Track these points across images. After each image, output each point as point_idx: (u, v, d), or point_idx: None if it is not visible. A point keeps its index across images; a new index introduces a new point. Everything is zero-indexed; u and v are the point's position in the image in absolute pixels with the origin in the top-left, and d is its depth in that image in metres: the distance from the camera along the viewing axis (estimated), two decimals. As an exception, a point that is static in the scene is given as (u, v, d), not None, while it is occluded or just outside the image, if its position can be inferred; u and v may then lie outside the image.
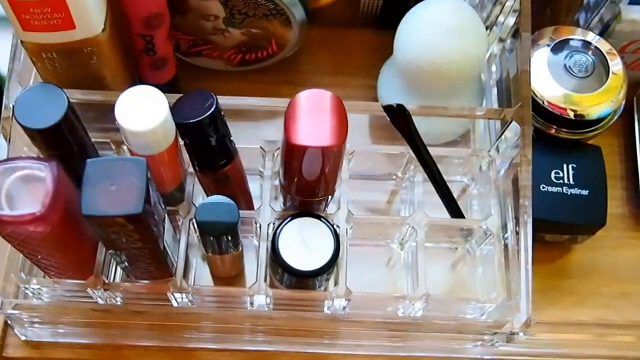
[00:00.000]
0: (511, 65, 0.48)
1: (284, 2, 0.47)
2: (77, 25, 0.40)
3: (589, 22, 0.53)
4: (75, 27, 0.40)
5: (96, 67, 0.44)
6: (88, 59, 0.43)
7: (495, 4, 0.51)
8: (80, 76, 0.45)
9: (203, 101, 0.39)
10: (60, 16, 0.39)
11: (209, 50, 0.52)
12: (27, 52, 0.43)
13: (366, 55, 0.56)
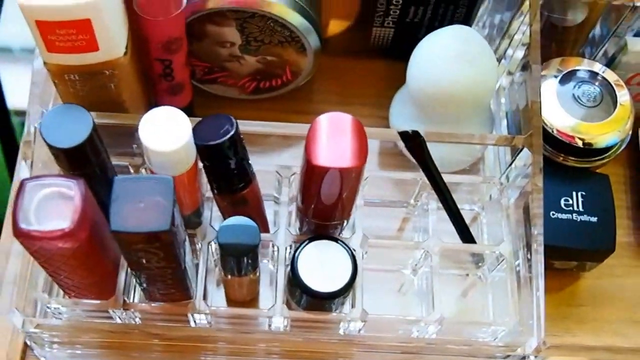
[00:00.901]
0: (520, 97, 0.49)
1: (299, 30, 0.48)
2: (101, 48, 0.41)
3: (595, 55, 0.54)
4: (98, 49, 0.41)
5: (116, 90, 0.45)
6: (108, 81, 0.44)
7: (503, 37, 0.52)
8: (100, 98, 0.45)
9: (223, 124, 0.40)
10: (85, 38, 0.40)
11: (224, 77, 0.53)
12: (50, 73, 0.43)
13: (377, 85, 0.57)
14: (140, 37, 0.45)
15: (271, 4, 0.46)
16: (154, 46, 0.45)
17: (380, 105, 0.56)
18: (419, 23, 0.53)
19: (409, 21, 0.53)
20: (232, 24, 0.48)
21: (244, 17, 0.47)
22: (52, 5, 0.37)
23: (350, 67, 0.58)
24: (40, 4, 0.37)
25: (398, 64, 0.55)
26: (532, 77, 0.47)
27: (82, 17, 0.38)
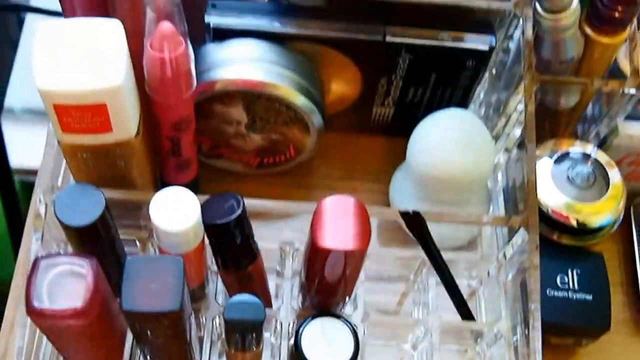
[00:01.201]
0: (517, 174, 0.51)
1: (304, 111, 0.50)
2: (114, 129, 0.43)
3: (587, 135, 0.56)
4: (112, 130, 0.43)
5: (125, 167, 0.46)
6: (119, 159, 0.46)
7: (500, 116, 0.54)
8: (109, 174, 0.47)
9: (230, 203, 0.41)
10: (99, 120, 0.42)
11: (229, 153, 0.55)
12: (63, 151, 0.45)
13: (377, 161, 0.59)
14: (151, 117, 0.47)
15: (277, 86, 0.48)
16: (164, 126, 0.47)
17: (380, 180, 0.58)
18: (419, 103, 0.55)
19: (408, 101, 0.55)
20: (239, 104, 0.50)
21: (251, 98, 0.49)
22: (70, 91, 0.39)
23: (351, 143, 0.60)
24: (59, 90, 0.39)
25: (398, 141, 0.57)
26: (527, 156, 0.49)
27: (99, 102, 0.40)
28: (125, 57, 0.40)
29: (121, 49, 0.40)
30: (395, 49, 0.50)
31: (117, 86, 0.40)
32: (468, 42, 0.50)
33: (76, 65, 0.39)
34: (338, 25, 0.50)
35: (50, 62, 0.39)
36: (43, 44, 0.40)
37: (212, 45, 0.50)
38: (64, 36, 0.40)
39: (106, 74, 0.39)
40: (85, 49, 0.40)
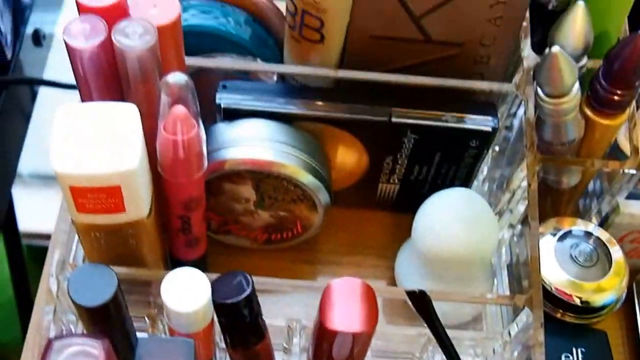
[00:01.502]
0: (521, 250, 0.52)
1: (311, 189, 0.51)
2: (127, 209, 0.44)
3: (589, 212, 0.57)
4: (125, 210, 0.44)
5: (137, 244, 0.47)
6: (131, 238, 0.47)
7: (504, 192, 0.55)
8: (121, 250, 0.48)
9: (239, 282, 0.42)
10: (113, 201, 0.43)
11: (237, 229, 0.56)
12: (77, 229, 0.46)
13: (383, 236, 0.60)
14: (162, 196, 0.48)
15: (285, 165, 0.50)
16: (175, 204, 0.48)
17: (386, 256, 0.59)
18: (424, 180, 0.57)
19: (413, 179, 0.56)
20: (248, 183, 0.51)
21: (260, 176, 0.50)
22: (86, 174, 0.40)
23: (357, 219, 0.61)
24: (76, 173, 0.40)
25: (403, 216, 0.58)
26: (530, 234, 0.49)
27: (114, 184, 0.41)
28: (140, 141, 0.41)
29: (136, 133, 0.41)
30: (400, 130, 0.52)
31: (132, 170, 0.41)
32: (471, 123, 0.52)
33: (92, 149, 0.41)
34: (345, 106, 0.51)
35: (67, 146, 0.40)
36: (60, 128, 0.41)
37: (222, 124, 0.51)
38: (81, 119, 0.41)
39: (122, 157, 0.40)
40: (101, 133, 0.41)
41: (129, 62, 0.42)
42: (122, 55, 0.41)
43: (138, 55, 0.41)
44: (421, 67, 0.54)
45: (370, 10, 0.50)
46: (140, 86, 0.44)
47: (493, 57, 0.53)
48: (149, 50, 0.41)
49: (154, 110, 0.44)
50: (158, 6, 0.43)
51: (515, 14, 0.50)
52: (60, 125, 0.41)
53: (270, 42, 0.57)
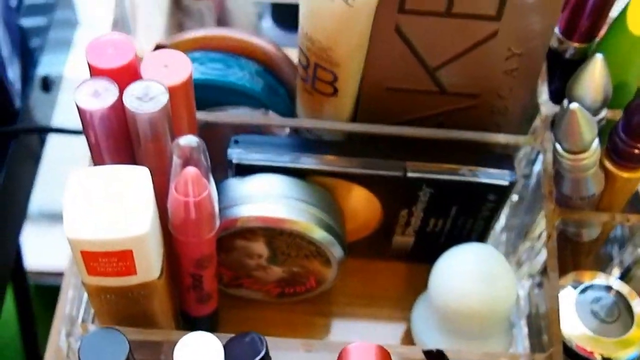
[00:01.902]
0: (540, 301, 0.51)
1: (325, 244, 0.50)
2: (139, 272, 0.43)
3: (610, 264, 0.56)
4: (136, 273, 0.43)
5: (147, 304, 0.46)
6: (142, 299, 0.46)
7: (523, 241, 0.54)
8: (131, 311, 0.47)
9: (253, 343, 0.41)
10: (124, 265, 0.42)
11: (249, 283, 0.55)
12: (87, 291, 0.45)
13: (398, 287, 0.59)
14: (173, 254, 0.47)
15: (297, 222, 0.49)
16: (186, 263, 0.47)
17: (401, 307, 0.57)
18: (439, 232, 0.56)
19: (429, 231, 0.55)
20: (260, 240, 0.50)
21: (273, 233, 0.49)
22: (99, 240, 0.39)
23: (371, 269, 0.60)
24: (88, 239, 0.39)
25: (418, 267, 0.57)
26: (550, 285, 0.48)
27: (125, 248, 0.40)
28: (151, 205, 0.40)
29: (148, 197, 0.41)
30: (416, 184, 0.51)
31: (144, 234, 0.40)
32: (488, 177, 0.51)
33: (104, 214, 0.40)
34: (359, 161, 0.50)
35: (79, 210, 0.40)
36: (72, 193, 0.40)
37: (233, 180, 0.50)
38: (92, 184, 0.41)
39: (133, 222, 0.40)
40: (112, 197, 0.40)
41: (140, 124, 0.41)
42: (133, 117, 0.41)
43: (149, 118, 0.40)
44: (436, 119, 0.53)
45: (384, 63, 0.49)
46: (150, 145, 0.43)
47: (510, 107, 0.52)
48: (161, 112, 0.41)
49: (165, 168, 0.43)
50: (169, 66, 0.43)
51: (532, 65, 0.50)
52: (73, 190, 0.40)
53: (282, 91, 0.56)
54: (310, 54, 0.49)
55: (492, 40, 0.48)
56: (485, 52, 0.49)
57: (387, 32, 0.48)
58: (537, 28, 0.47)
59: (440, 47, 0.49)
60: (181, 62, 0.43)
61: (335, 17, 0.45)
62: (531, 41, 0.48)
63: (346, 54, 0.48)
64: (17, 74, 0.72)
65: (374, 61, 0.49)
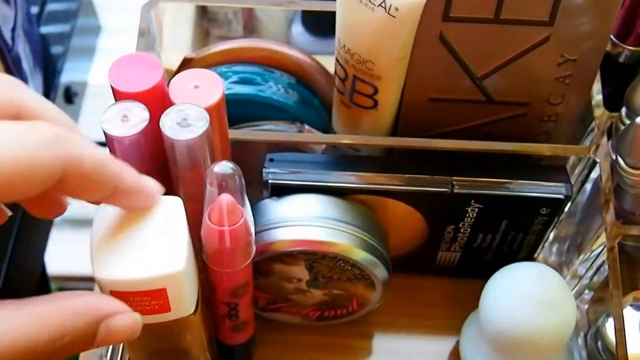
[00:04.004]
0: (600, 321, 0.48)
1: (368, 267, 0.47)
2: (173, 309, 0.40)
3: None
4: (170, 310, 0.40)
5: (181, 340, 0.44)
6: (175, 334, 0.43)
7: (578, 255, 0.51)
8: (164, 346, 0.44)
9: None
10: (157, 303, 0.39)
11: (287, 307, 0.52)
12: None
13: (443, 306, 0.56)
14: (208, 284, 0.44)
15: (339, 244, 0.46)
16: (221, 292, 0.44)
17: (447, 326, 0.54)
18: (487, 247, 0.52)
19: (476, 246, 0.52)
20: (301, 264, 0.47)
21: (314, 257, 0.47)
22: (130, 280, 0.36)
23: (414, 287, 0.56)
24: (119, 279, 0.36)
25: (464, 283, 0.54)
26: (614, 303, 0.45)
27: (158, 287, 0.37)
28: (185, 239, 0.37)
29: (181, 230, 0.37)
30: (463, 200, 0.48)
31: (178, 272, 0.37)
32: (542, 191, 0.47)
33: (134, 251, 0.37)
34: (402, 177, 0.47)
35: (108, 248, 0.37)
36: (100, 229, 0.37)
37: (269, 201, 0.47)
38: (121, 217, 0.38)
39: (166, 259, 0.37)
40: (144, 232, 0.37)
41: (178, 151, 0.38)
42: (171, 144, 0.38)
43: (189, 144, 0.37)
44: (482, 129, 0.50)
45: (427, 73, 0.46)
46: (189, 173, 0.40)
47: (561, 115, 0.49)
48: (201, 138, 0.38)
49: (199, 195, 0.40)
50: (201, 86, 0.40)
51: (586, 71, 0.46)
52: (100, 226, 0.37)
53: (316, 102, 0.54)
54: (349, 67, 0.46)
55: (543, 46, 0.45)
56: (536, 58, 0.45)
57: (430, 42, 0.44)
58: (592, 32, 0.44)
59: (487, 55, 0.46)
60: (212, 81, 0.40)
61: (377, 28, 0.42)
62: (585, 46, 0.45)
63: (388, 66, 0.44)
64: (39, 86, 0.70)
65: (416, 72, 0.46)
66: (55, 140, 0.28)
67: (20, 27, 0.66)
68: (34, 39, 0.72)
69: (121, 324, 0.33)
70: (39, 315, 0.29)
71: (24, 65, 0.66)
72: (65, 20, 0.82)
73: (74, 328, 0.30)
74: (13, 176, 0.27)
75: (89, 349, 0.32)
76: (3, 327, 0.28)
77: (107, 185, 0.32)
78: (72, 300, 0.31)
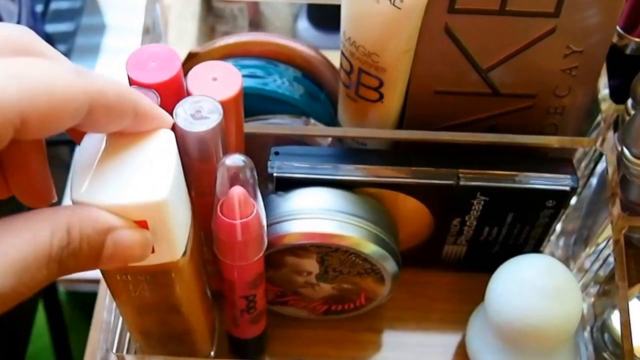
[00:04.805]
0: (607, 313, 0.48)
1: (378, 260, 0.47)
2: (156, 250, 0.36)
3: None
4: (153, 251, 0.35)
5: (171, 291, 0.41)
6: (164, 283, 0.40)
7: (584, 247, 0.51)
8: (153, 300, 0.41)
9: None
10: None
11: (295, 300, 0.52)
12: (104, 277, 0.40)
13: (450, 299, 0.56)
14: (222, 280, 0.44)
15: (348, 237, 0.46)
16: (239, 286, 0.44)
17: (454, 320, 0.54)
18: (493, 240, 0.52)
19: (482, 239, 0.52)
20: (312, 257, 0.47)
21: (326, 250, 0.47)
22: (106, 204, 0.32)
23: (420, 281, 0.56)
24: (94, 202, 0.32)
25: (471, 276, 0.54)
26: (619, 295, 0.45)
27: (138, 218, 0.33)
28: (173, 169, 0.34)
29: (170, 161, 0.34)
30: (469, 192, 0.48)
31: (160, 201, 0.33)
32: (547, 183, 0.47)
33: (117, 178, 0.33)
34: (408, 170, 0.47)
35: (89, 173, 0.33)
36: (85, 155, 0.34)
37: (277, 195, 0.47)
38: (107, 145, 0.34)
39: (149, 188, 0.33)
40: (130, 160, 0.34)
41: (190, 143, 0.38)
42: (183, 136, 0.37)
43: (200, 137, 0.37)
44: (488, 121, 0.50)
45: (432, 65, 0.46)
46: (199, 165, 0.40)
47: (568, 107, 0.49)
48: (213, 131, 0.37)
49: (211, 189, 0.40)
50: (219, 79, 0.40)
51: (593, 62, 0.46)
52: (85, 151, 0.34)
53: (323, 96, 0.54)
54: (354, 60, 0.46)
55: (549, 37, 0.45)
56: (542, 50, 0.45)
57: (436, 34, 0.44)
58: (598, 24, 0.44)
59: (493, 47, 0.46)
60: (231, 74, 0.40)
61: (382, 20, 0.42)
62: (592, 38, 0.45)
63: (393, 59, 0.45)
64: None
65: (422, 64, 0.46)
66: (79, 75, 0.29)
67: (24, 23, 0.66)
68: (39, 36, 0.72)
69: (129, 239, 0.32)
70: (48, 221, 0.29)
71: (29, 62, 0.66)
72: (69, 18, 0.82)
73: (80, 235, 0.30)
74: (49, 110, 0.27)
75: (95, 266, 0.31)
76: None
77: (129, 112, 0.32)
78: (79, 210, 0.31)
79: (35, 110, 0.27)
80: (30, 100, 0.27)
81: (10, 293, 0.27)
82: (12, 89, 0.26)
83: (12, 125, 0.26)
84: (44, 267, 0.29)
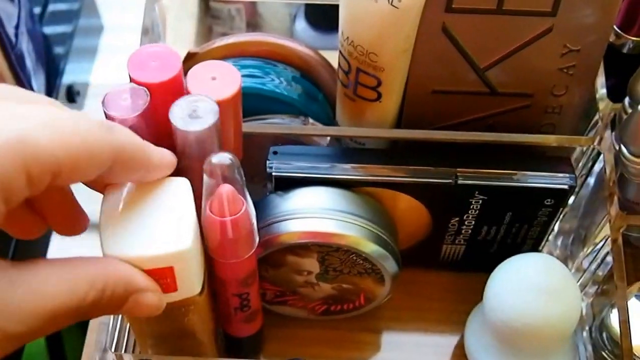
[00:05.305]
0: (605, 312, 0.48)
1: (377, 259, 0.47)
2: (179, 289, 0.38)
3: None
4: (177, 290, 0.38)
5: (187, 321, 0.43)
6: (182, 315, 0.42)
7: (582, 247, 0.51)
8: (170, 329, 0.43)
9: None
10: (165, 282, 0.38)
11: (294, 300, 0.52)
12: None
13: (448, 299, 0.56)
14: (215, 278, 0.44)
15: (347, 236, 0.46)
16: (231, 284, 0.44)
17: (452, 320, 0.54)
18: (492, 240, 0.52)
19: (480, 239, 0.52)
20: (313, 256, 0.47)
21: (327, 250, 0.47)
22: (139, 257, 0.35)
23: (419, 281, 0.56)
24: (128, 256, 0.35)
25: (469, 276, 0.54)
26: (617, 295, 0.45)
27: (166, 265, 0.36)
28: (192, 218, 0.37)
29: (188, 210, 0.37)
30: (467, 191, 0.48)
31: (186, 250, 0.36)
32: (546, 182, 0.47)
33: (143, 229, 0.36)
34: (406, 169, 0.47)
35: (116, 227, 0.36)
36: (109, 208, 0.37)
37: (276, 195, 0.47)
38: (129, 198, 0.37)
39: (174, 238, 0.36)
40: (152, 211, 0.37)
41: (187, 143, 0.38)
42: (180, 136, 0.37)
43: (197, 137, 0.37)
44: (486, 121, 0.50)
45: (430, 65, 0.46)
46: (196, 164, 0.40)
47: (565, 106, 0.49)
48: (209, 130, 0.38)
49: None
50: (218, 78, 0.40)
51: (590, 61, 0.46)
52: (109, 205, 0.37)
53: (320, 96, 0.54)
54: (352, 59, 0.46)
55: (546, 36, 0.45)
56: (539, 49, 0.45)
57: (433, 33, 0.45)
58: (595, 23, 0.44)
59: (490, 46, 0.46)
60: (230, 73, 0.40)
61: (380, 20, 0.42)
62: (589, 36, 0.45)
63: (391, 58, 0.45)
64: (41, 84, 0.70)
65: (419, 64, 0.46)
66: (106, 129, 0.31)
67: (23, 25, 0.66)
68: (37, 38, 0.72)
69: (149, 301, 0.35)
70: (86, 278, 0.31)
71: (27, 63, 0.66)
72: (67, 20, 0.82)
73: (111, 293, 0.32)
74: (81, 160, 0.29)
75: (113, 314, 0.36)
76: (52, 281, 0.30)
77: (142, 166, 0.34)
78: (116, 267, 0.34)
79: (69, 160, 0.29)
80: (66, 150, 0.28)
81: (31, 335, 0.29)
82: (46, 138, 0.28)
83: (50, 173, 0.28)
84: (70, 318, 0.31)
